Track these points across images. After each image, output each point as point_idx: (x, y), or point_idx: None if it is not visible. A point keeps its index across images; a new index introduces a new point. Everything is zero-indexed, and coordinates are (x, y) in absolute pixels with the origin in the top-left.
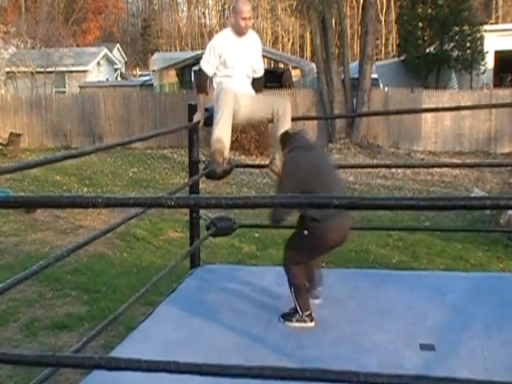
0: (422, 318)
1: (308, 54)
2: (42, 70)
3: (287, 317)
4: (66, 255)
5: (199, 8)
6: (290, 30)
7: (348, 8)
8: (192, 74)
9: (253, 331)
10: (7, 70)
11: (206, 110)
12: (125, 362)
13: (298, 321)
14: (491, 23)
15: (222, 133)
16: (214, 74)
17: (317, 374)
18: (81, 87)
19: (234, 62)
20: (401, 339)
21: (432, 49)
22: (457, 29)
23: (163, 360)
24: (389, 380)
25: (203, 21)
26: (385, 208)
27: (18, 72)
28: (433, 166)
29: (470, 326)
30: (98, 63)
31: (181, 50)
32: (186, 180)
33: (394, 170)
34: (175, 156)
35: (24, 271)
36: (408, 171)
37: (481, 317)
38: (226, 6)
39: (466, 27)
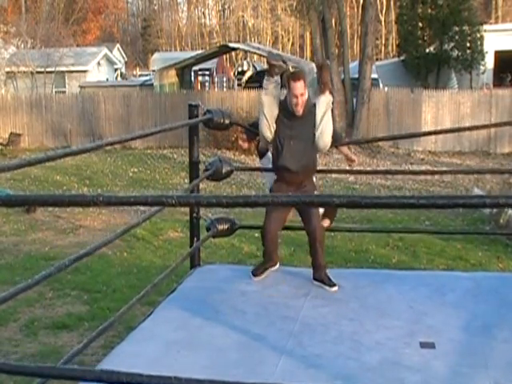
0: (422, 316)
1: (308, 53)
2: (42, 70)
3: (254, 272)
4: (69, 264)
5: (199, 8)
6: (290, 30)
7: (348, 8)
8: (192, 73)
9: (253, 331)
10: (7, 69)
11: (208, 111)
12: (126, 376)
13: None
14: (491, 23)
15: None
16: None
17: None
18: (81, 87)
19: None
20: (401, 337)
21: (432, 49)
22: (457, 29)
23: (164, 375)
24: None
25: (203, 21)
26: (385, 207)
27: (18, 72)
28: (433, 173)
29: (469, 325)
30: (98, 63)
31: (181, 50)
32: (186, 180)
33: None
34: (175, 156)
35: (24, 272)
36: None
37: (481, 316)
38: (226, 6)
39: (465, 27)
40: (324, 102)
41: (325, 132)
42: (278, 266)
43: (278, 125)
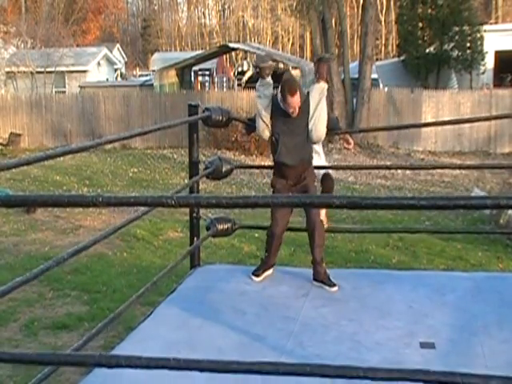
0: (422, 316)
1: (308, 53)
2: (42, 70)
3: (255, 272)
4: (67, 257)
5: (199, 8)
6: (290, 30)
7: (348, 8)
8: (192, 74)
9: (253, 331)
10: (7, 70)
11: (207, 109)
12: (125, 360)
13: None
14: (491, 23)
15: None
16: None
17: (316, 369)
18: (81, 87)
19: None
20: (401, 338)
21: (432, 49)
22: (457, 29)
23: (162, 357)
24: (388, 374)
25: (203, 21)
26: (386, 208)
27: (18, 72)
28: (433, 168)
29: (469, 325)
30: (98, 63)
31: (181, 50)
32: (186, 180)
33: (393, 170)
34: (175, 156)
35: (24, 272)
36: (408, 171)
37: (481, 316)
38: (226, 6)
39: (465, 27)
40: (318, 90)
41: (319, 122)
42: (271, 270)
43: (273, 121)
